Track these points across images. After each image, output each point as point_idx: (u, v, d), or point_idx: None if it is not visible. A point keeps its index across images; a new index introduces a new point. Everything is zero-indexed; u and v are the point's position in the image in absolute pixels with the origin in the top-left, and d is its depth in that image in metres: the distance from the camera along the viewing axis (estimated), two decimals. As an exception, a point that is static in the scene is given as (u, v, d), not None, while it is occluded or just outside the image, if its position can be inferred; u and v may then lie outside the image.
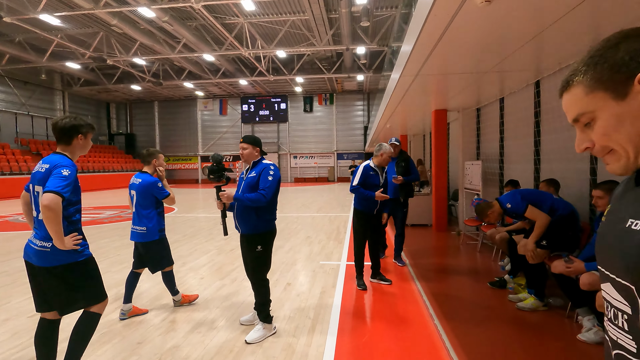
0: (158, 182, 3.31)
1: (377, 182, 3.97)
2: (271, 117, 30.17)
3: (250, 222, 2.77)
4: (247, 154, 2.86)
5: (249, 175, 2.84)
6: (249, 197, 2.69)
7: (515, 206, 3.33)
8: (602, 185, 2.77)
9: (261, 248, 2.80)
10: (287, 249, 5.92)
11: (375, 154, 4.05)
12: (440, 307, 3.44)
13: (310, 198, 15.40)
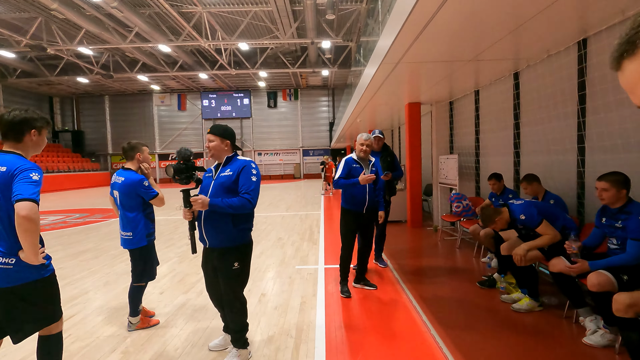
0: (144, 180, 2.84)
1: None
2: (234, 113, 29.10)
3: (224, 233, 2.24)
4: (215, 148, 2.33)
5: (222, 174, 2.31)
6: (230, 203, 2.15)
7: (529, 219, 3.07)
8: (608, 177, 2.58)
9: (239, 265, 2.30)
10: (259, 253, 5.43)
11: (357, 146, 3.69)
12: (433, 313, 3.15)
13: (277, 196, 14.86)
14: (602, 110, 3.26)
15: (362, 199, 3.58)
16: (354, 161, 3.65)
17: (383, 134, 4.44)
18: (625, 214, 2.52)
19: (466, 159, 6.24)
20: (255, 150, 29.86)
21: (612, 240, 2.67)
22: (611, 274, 2.43)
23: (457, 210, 5.56)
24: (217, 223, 2.24)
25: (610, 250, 2.71)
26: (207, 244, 2.31)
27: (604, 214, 2.73)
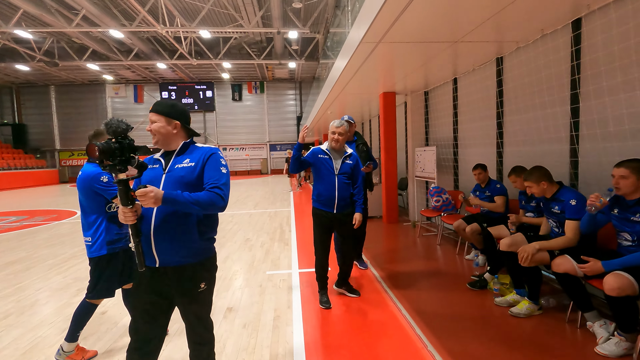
0: (102, 174, 2.30)
1: (330, 170, 3.10)
2: (196, 106, 27.69)
3: (187, 246, 1.63)
4: (159, 130, 1.67)
5: (178, 165, 1.67)
6: (197, 198, 1.54)
7: (574, 209, 2.71)
8: (629, 163, 2.29)
9: (206, 285, 1.70)
10: (224, 258, 4.84)
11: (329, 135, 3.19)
12: (426, 324, 2.77)
13: (244, 193, 14.14)
14: (598, 95, 3.01)
15: (330, 197, 3.08)
16: (322, 151, 3.16)
17: (353, 120, 3.96)
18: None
19: (444, 150, 5.99)
20: (220, 145, 28.63)
21: (624, 235, 2.41)
22: (630, 276, 2.15)
23: (436, 204, 5.27)
24: (175, 232, 1.61)
25: (621, 248, 2.44)
26: (158, 263, 1.62)
27: (617, 204, 2.45)
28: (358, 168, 3.23)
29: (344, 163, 3.13)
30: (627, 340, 2.24)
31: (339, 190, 3.08)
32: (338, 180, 3.09)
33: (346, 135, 3.14)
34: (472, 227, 4.00)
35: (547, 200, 2.92)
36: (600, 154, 3.06)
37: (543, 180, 2.88)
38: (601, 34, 2.99)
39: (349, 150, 3.23)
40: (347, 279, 3.40)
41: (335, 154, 3.16)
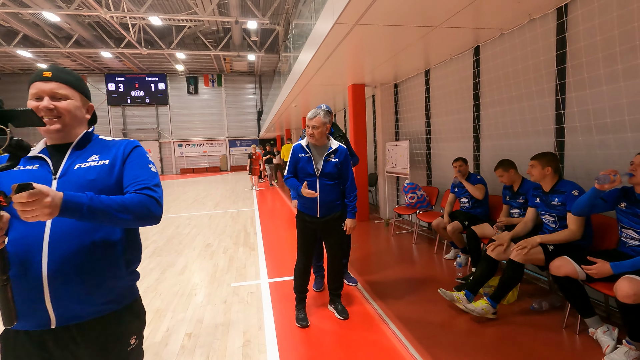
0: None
1: (310, 170, 2.68)
2: (147, 99, 25.89)
3: (108, 285, 1.08)
4: (70, 111, 1.10)
5: (80, 165, 1.10)
6: (125, 203, 1.01)
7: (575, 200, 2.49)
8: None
9: (137, 340, 1.17)
10: (181, 268, 4.25)
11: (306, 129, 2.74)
12: (419, 341, 2.46)
13: (203, 191, 13.28)
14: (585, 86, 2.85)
15: (312, 201, 2.68)
16: (302, 149, 2.72)
17: (331, 110, 3.51)
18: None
19: (416, 145, 5.78)
20: (174, 141, 27.05)
21: (629, 233, 2.23)
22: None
23: (411, 201, 5.04)
24: (91, 265, 1.03)
25: (625, 247, 2.27)
26: (54, 322, 1.02)
27: (625, 197, 2.26)
28: (347, 165, 2.79)
29: (328, 162, 2.68)
30: (637, 349, 2.06)
31: (321, 193, 2.67)
32: (320, 183, 2.66)
33: (323, 128, 2.65)
34: (453, 226, 3.78)
35: (546, 193, 2.73)
36: (581, 147, 2.93)
37: (550, 165, 2.66)
38: (583, 23, 2.83)
39: (333, 144, 2.73)
40: (338, 295, 2.96)
41: (316, 152, 2.70)
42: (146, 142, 26.21)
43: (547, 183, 2.72)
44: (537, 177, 2.74)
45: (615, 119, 2.60)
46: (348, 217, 2.82)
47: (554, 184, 2.69)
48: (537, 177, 2.74)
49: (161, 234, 6.14)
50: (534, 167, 2.73)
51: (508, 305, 2.96)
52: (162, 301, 3.29)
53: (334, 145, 2.73)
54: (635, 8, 2.38)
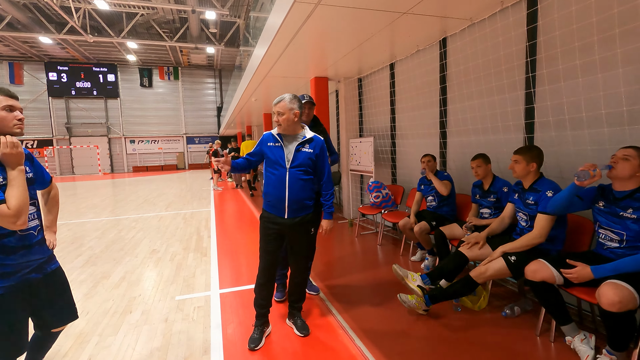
0: None
1: (280, 161, 2.31)
2: (95, 91, 23.95)
3: None
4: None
5: None
6: None
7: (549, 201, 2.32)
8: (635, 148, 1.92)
9: None
10: (117, 280, 3.69)
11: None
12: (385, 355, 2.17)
13: (155, 191, 12.34)
14: (560, 78, 2.72)
15: (279, 198, 2.32)
16: (272, 137, 2.37)
17: (313, 100, 3.14)
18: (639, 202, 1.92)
19: (380, 142, 5.56)
20: (126, 137, 25.27)
21: (608, 234, 2.07)
22: (630, 285, 1.79)
23: (375, 200, 4.81)
24: None
25: (603, 250, 2.11)
26: None
27: (603, 196, 2.11)
28: (323, 158, 2.42)
29: (300, 152, 2.31)
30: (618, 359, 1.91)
31: (290, 189, 2.30)
32: (290, 175, 2.29)
33: (290, 115, 2.28)
34: (420, 227, 3.57)
35: (524, 190, 2.56)
36: (554, 143, 2.80)
37: (535, 162, 2.47)
38: (559, 10, 2.69)
39: (308, 133, 2.37)
40: (299, 309, 2.61)
41: (288, 141, 2.34)
42: (94, 138, 24.26)
43: (528, 180, 2.54)
44: (520, 173, 2.54)
45: (591, 113, 2.47)
46: (324, 218, 2.48)
47: (532, 182, 2.51)
48: (519, 174, 2.54)
49: (100, 240, 5.44)
50: (518, 162, 2.52)
51: (479, 311, 2.77)
52: (87, 322, 2.75)
53: (308, 134, 2.37)
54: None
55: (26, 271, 1.54)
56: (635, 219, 1.91)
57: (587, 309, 2.58)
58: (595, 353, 2.05)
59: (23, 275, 1.52)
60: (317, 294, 3.17)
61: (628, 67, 2.25)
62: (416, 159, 4.68)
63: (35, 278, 1.58)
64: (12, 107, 1.47)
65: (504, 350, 2.23)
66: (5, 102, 1.45)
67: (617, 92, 2.31)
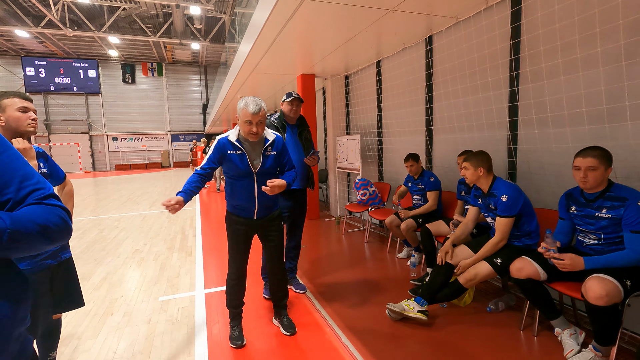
0: None
1: (246, 169, 2.18)
2: (75, 87, 23.25)
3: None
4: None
5: None
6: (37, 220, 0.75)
7: (506, 205, 2.38)
8: (593, 152, 1.94)
9: None
10: (98, 281, 3.59)
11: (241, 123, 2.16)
12: (373, 354, 2.17)
13: (139, 189, 12.09)
14: (543, 76, 2.75)
15: (248, 204, 2.24)
16: (231, 145, 2.19)
17: (301, 97, 3.06)
18: (611, 200, 1.96)
19: (367, 140, 5.56)
20: (108, 135, 24.65)
21: (587, 235, 2.12)
22: (615, 279, 1.82)
23: (362, 198, 4.81)
24: None
25: (585, 247, 2.15)
26: None
27: (575, 201, 2.15)
28: (285, 153, 2.37)
29: (267, 157, 2.24)
30: (603, 355, 1.94)
31: (260, 194, 2.23)
32: (258, 181, 2.22)
33: (264, 125, 2.18)
34: (407, 224, 3.58)
35: (485, 195, 2.58)
36: (537, 141, 2.84)
37: (482, 166, 2.53)
38: (542, 9, 2.73)
39: (270, 136, 2.27)
40: (283, 306, 2.57)
41: (251, 147, 2.22)
42: (74, 135, 23.57)
43: (483, 184, 2.57)
44: (471, 179, 2.59)
45: (572, 111, 2.51)
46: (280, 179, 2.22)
47: (490, 186, 2.54)
48: (470, 179, 2.59)
49: (80, 240, 5.29)
50: (467, 169, 2.58)
51: (465, 307, 2.80)
52: (66, 325, 2.66)
53: (270, 136, 2.28)
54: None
55: (42, 256, 1.70)
56: (610, 218, 1.95)
57: (568, 303, 2.63)
58: (580, 349, 2.09)
59: (39, 261, 1.68)
60: (304, 292, 3.15)
61: (608, 66, 2.29)
62: (403, 157, 4.68)
63: (52, 264, 1.75)
64: (27, 109, 1.66)
65: (488, 345, 2.25)
66: (20, 104, 1.63)
67: (597, 90, 2.35)
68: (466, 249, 2.66)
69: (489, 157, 2.57)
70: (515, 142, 3.06)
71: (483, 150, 2.61)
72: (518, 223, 2.45)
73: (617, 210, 1.92)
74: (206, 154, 2.30)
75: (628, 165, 2.23)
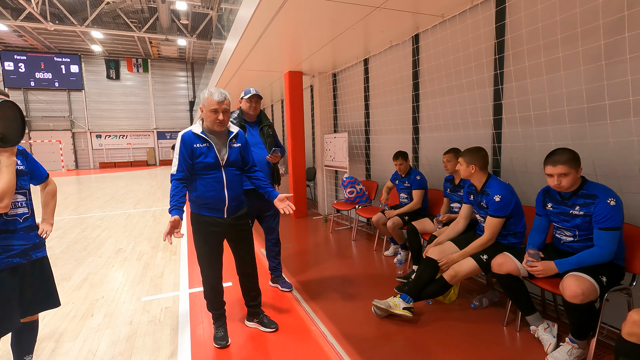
0: None
1: (214, 162, 2.14)
2: (57, 83, 22.64)
3: None
4: None
5: None
6: None
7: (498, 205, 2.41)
8: (562, 157, 1.96)
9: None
10: (79, 282, 3.49)
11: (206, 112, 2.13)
12: (359, 353, 2.16)
13: (123, 188, 11.86)
14: (526, 75, 2.79)
15: (218, 199, 2.18)
16: (197, 138, 2.13)
17: (260, 94, 3.03)
18: (583, 198, 1.99)
19: (355, 137, 5.56)
20: (92, 132, 24.10)
21: (563, 232, 2.15)
22: (591, 277, 1.86)
23: (350, 196, 4.81)
24: None
25: (562, 244, 2.19)
26: None
27: (551, 198, 2.18)
28: (248, 148, 2.38)
29: (232, 148, 2.21)
30: (580, 347, 1.98)
31: (229, 187, 2.20)
32: (227, 174, 2.18)
33: (229, 114, 2.17)
34: (393, 221, 3.59)
35: (477, 193, 2.60)
36: (520, 139, 2.88)
37: (474, 163, 2.54)
38: (525, 9, 2.76)
39: (233, 128, 2.28)
40: (258, 307, 2.55)
41: (217, 139, 2.19)
42: (56, 132, 22.96)
43: (476, 181, 2.59)
44: (463, 175, 2.61)
45: (555, 110, 2.55)
46: (276, 196, 2.30)
47: (483, 184, 2.56)
48: (463, 175, 2.61)
49: (61, 239, 5.15)
50: (461, 164, 2.61)
51: (450, 303, 2.83)
52: (43, 327, 2.58)
53: (233, 129, 2.27)
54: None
55: (9, 254, 1.64)
56: (583, 215, 1.99)
57: (549, 298, 2.67)
58: (557, 341, 2.14)
59: (6, 258, 1.62)
60: (290, 291, 3.13)
61: (588, 66, 2.33)
62: (390, 155, 4.70)
63: (20, 263, 1.69)
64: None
65: (471, 341, 2.27)
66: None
67: (578, 89, 2.39)
68: (452, 245, 2.69)
69: (485, 154, 2.57)
70: (499, 140, 3.09)
71: (480, 147, 2.61)
72: (506, 223, 2.48)
73: (589, 208, 1.95)
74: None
75: (607, 163, 2.28)
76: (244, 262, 2.43)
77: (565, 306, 1.91)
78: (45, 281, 1.83)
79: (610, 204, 1.88)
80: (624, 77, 2.13)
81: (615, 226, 1.88)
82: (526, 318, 2.31)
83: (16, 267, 1.68)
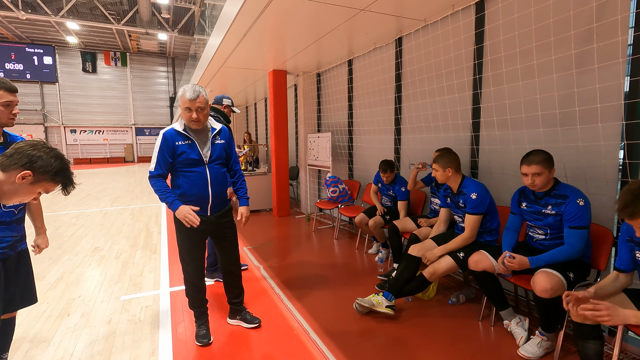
0: None
1: (197, 159, 2.14)
2: (28, 74, 21.72)
3: None
4: None
5: None
6: None
7: (474, 203, 2.50)
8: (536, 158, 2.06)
9: None
10: (53, 281, 3.39)
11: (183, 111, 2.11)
12: (341, 350, 2.21)
13: (100, 185, 11.51)
14: (503, 80, 2.90)
15: (202, 197, 2.18)
16: (179, 135, 2.11)
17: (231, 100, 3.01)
18: (555, 198, 2.10)
19: (338, 137, 5.61)
20: (65, 127, 23.24)
21: (536, 230, 2.26)
22: (559, 273, 1.97)
23: (332, 195, 4.86)
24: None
25: (534, 242, 2.30)
26: None
27: (526, 198, 2.29)
28: (232, 146, 2.36)
29: (215, 145, 2.21)
30: (548, 340, 2.10)
31: (213, 184, 2.19)
32: (210, 171, 2.18)
33: (208, 109, 2.14)
34: (375, 221, 3.66)
35: (455, 194, 2.70)
36: (497, 141, 3.00)
37: (449, 167, 2.63)
38: (503, 17, 2.88)
39: (216, 125, 2.25)
40: (241, 305, 2.56)
41: (199, 136, 2.18)
42: (27, 126, 22.00)
43: (452, 183, 2.69)
44: (441, 179, 2.70)
45: (530, 114, 2.67)
46: (243, 205, 2.36)
47: (459, 185, 2.66)
48: (441, 180, 2.71)
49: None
50: (436, 170, 2.68)
51: (428, 300, 2.92)
52: (16, 328, 2.49)
53: (216, 125, 2.26)
54: (551, 4, 2.44)
55: (3, 245, 1.61)
56: (555, 214, 2.10)
57: (522, 294, 2.80)
58: (528, 334, 2.25)
59: (1, 250, 1.60)
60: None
61: (561, 73, 2.45)
62: (372, 155, 4.79)
63: (10, 254, 1.66)
64: (11, 103, 1.60)
65: (449, 335, 2.36)
66: (6, 97, 1.57)
67: (551, 95, 2.51)
68: (433, 243, 2.78)
69: (457, 156, 2.67)
70: (477, 143, 3.21)
71: (449, 149, 2.72)
72: (483, 220, 2.57)
73: (560, 207, 2.07)
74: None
75: (577, 165, 2.41)
76: (228, 260, 2.43)
77: (536, 301, 2.02)
78: (28, 274, 1.80)
79: (580, 204, 1.99)
80: (592, 85, 2.26)
81: (584, 225, 1.99)
82: (500, 313, 2.42)
83: (6, 259, 1.65)
